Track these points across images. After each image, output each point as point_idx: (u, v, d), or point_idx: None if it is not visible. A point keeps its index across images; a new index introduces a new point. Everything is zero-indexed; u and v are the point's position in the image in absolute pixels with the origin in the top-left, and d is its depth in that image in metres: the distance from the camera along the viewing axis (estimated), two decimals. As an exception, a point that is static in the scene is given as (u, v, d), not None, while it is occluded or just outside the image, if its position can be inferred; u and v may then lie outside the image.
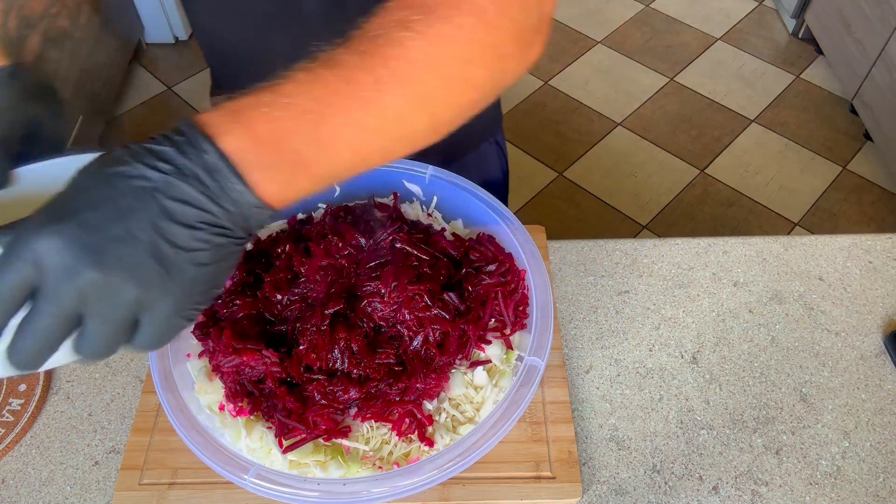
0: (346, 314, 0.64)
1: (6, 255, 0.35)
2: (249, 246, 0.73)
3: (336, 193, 0.77)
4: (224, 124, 0.37)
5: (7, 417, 0.71)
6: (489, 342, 0.65)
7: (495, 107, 0.94)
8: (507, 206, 0.74)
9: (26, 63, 0.57)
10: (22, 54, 0.56)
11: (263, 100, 0.38)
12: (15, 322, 0.36)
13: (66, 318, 0.36)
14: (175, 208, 0.36)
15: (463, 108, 0.45)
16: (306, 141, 0.39)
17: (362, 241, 0.68)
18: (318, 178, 0.41)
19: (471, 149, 0.92)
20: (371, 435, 0.61)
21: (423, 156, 0.71)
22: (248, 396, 0.62)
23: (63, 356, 0.38)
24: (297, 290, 0.66)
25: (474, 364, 0.64)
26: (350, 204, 0.76)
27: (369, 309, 0.63)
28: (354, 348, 0.61)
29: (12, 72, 0.54)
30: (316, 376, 0.61)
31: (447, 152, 0.88)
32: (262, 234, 0.75)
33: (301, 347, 0.62)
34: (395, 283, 0.63)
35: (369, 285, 0.64)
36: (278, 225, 0.76)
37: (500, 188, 1.00)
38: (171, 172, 0.36)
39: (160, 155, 0.37)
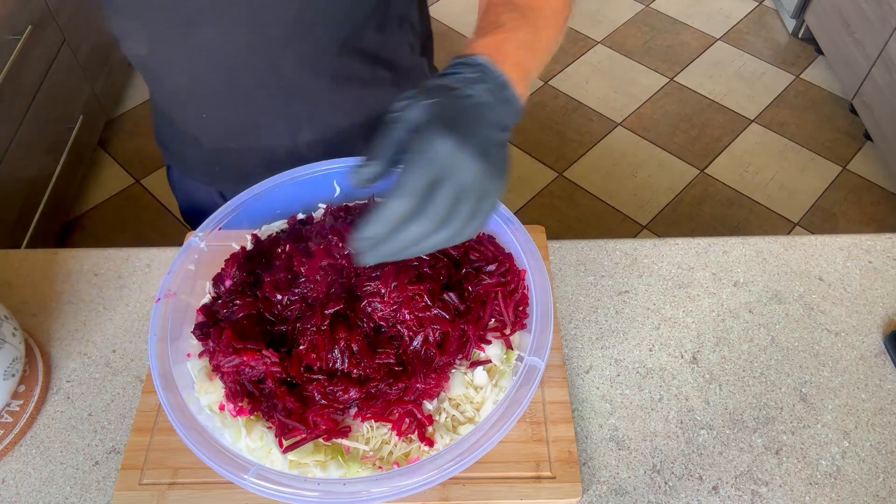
0: (345, 314, 0.64)
1: (417, 158, 0.48)
2: (250, 246, 0.73)
3: (336, 193, 0.77)
4: (496, 55, 0.55)
5: (6, 418, 0.71)
6: (489, 342, 0.65)
7: (427, 37, 0.96)
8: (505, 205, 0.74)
9: None
10: None
11: (508, 37, 0.57)
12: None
13: (457, 198, 0.49)
14: (498, 117, 0.53)
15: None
16: (532, 59, 0.59)
17: None
18: (532, 81, 0.59)
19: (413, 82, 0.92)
20: (371, 435, 0.61)
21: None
22: (248, 396, 0.62)
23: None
24: (297, 291, 0.66)
25: (474, 364, 0.64)
26: (350, 204, 0.76)
27: (369, 309, 0.63)
28: (354, 348, 0.61)
29: None
30: (316, 376, 0.61)
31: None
32: (263, 234, 0.75)
33: (301, 347, 0.62)
34: (395, 284, 0.63)
35: (369, 285, 0.64)
36: (278, 225, 0.76)
37: None
38: (489, 92, 0.53)
39: (479, 80, 0.53)
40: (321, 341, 0.61)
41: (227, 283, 0.70)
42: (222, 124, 0.82)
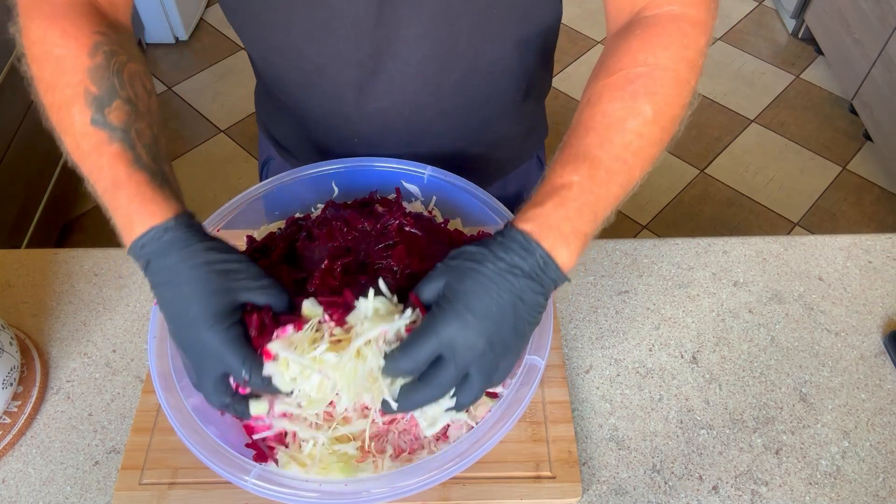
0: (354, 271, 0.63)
1: (423, 334, 0.51)
2: (244, 247, 0.73)
3: (335, 194, 0.77)
4: (541, 230, 0.53)
5: (4, 419, 0.71)
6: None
7: (543, 126, 0.95)
8: None
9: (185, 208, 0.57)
10: (176, 193, 0.55)
11: (562, 208, 0.54)
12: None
13: (459, 378, 0.52)
14: (531, 299, 0.52)
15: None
16: (590, 223, 0.55)
17: (367, 226, 0.67)
18: (591, 236, 0.56)
19: (516, 167, 0.92)
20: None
21: (467, 174, 0.74)
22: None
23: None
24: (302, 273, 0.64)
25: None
26: (349, 202, 0.76)
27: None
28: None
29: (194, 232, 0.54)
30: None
31: (494, 173, 0.90)
32: (262, 233, 0.75)
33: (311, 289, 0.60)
34: (408, 261, 0.63)
35: (381, 262, 0.63)
36: (276, 225, 0.76)
37: None
38: (523, 274, 0.52)
39: (512, 262, 0.52)
40: (331, 280, 0.60)
41: None
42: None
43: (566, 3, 0.75)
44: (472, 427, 0.60)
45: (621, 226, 2.09)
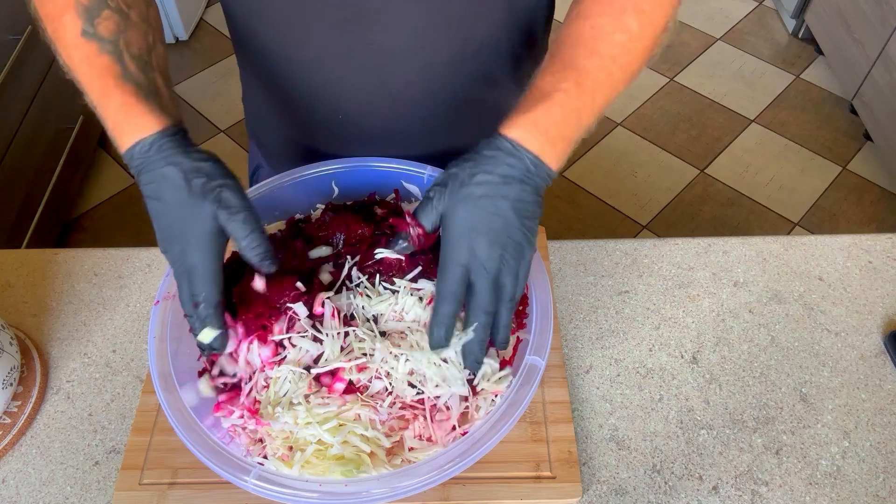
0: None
1: (446, 265, 0.56)
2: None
3: (335, 194, 0.77)
4: (529, 135, 0.56)
5: (4, 420, 0.71)
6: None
7: None
8: None
9: (178, 119, 0.58)
10: (166, 105, 0.57)
11: (549, 113, 0.57)
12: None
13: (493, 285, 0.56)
14: (528, 198, 0.56)
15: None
16: (574, 130, 0.58)
17: (366, 231, 0.68)
18: (575, 144, 0.59)
19: None
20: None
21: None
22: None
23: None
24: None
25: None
26: (349, 203, 0.76)
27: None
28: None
29: (182, 145, 0.56)
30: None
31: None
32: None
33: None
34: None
35: (380, 251, 0.64)
36: (276, 226, 0.76)
37: None
38: (515, 181, 0.55)
39: (503, 173, 0.55)
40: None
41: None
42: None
43: (565, 4, 0.75)
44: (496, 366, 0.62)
45: (621, 226, 2.09)
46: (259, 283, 0.61)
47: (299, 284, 0.62)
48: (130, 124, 0.55)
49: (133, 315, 0.81)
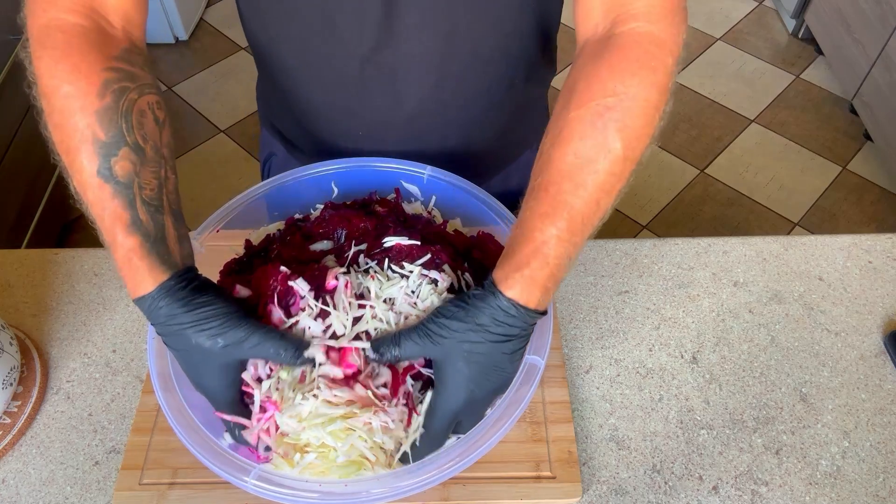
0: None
1: (439, 417, 0.57)
2: (241, 250, 0.73)
3: (335, 194, 0.77)
4: (527, 293, 0.55)
5: (4, 420, 0.71)
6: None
7: (545, 114, 0.94)
8: None
9: (181, 263, 0.59)
10: (172, 249, 0.57)
11: (545, 267, 0.56)
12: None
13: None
14: (519, 346, 0.57)
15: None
16: (565, 269, 0.57)
17: (369, 225, 0.68)
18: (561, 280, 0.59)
19: (515, 159, 0.92)
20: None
21: (469, 173, 0.74)
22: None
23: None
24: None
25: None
26: (349, 203, 0.76)
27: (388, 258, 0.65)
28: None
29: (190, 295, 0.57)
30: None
31: (492, 166, 0.90)
32: (261, 234, 0.74)
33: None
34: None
35: (389, 239, 0.64)
36: (275, 226, 0.76)
37: None
38: (520, 332, 0.56)
39: (505, 332, 0.56)
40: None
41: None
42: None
43: (565, 4, 0.75)
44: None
45: (621, 226, 2.09)
46: (243, 292, 0.62)
47: (283, 268, 0.62)
48: (132, 279, 0.57)
49: (133, 315, 0.81)
